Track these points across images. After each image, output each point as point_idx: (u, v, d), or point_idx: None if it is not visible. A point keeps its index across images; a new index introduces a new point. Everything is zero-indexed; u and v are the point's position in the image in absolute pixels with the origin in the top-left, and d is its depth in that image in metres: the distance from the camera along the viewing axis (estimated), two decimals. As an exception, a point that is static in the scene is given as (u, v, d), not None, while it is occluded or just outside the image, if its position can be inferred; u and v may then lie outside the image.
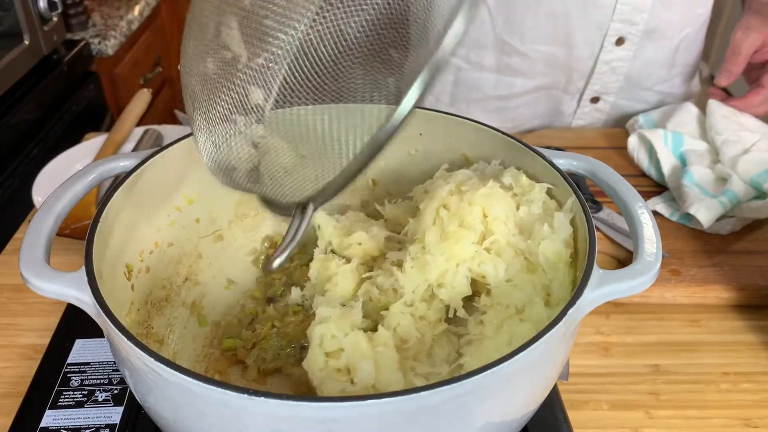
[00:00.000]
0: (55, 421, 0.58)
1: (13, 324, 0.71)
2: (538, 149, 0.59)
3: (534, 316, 0.53)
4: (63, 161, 0.93)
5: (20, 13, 1.30)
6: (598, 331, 0.71)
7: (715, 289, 0.72)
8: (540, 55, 1.00)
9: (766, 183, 0.81)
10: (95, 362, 0.64)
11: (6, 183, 1.24)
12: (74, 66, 1.50)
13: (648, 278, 0.47)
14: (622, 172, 0.59)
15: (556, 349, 0.46)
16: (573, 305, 0.44)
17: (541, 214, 0.57)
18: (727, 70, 0.95)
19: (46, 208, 0.51)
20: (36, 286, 0.46)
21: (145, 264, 0.59)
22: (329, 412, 0.38)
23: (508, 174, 0.60)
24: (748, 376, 0.66)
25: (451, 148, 0.66)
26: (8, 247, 0.82)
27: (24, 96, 1.32)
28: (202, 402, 0.40)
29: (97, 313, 0.44)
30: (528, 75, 1.02)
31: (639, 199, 0.54)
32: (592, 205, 0.82)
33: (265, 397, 0.37)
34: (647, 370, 0.67)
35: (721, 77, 0.95)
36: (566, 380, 0.65)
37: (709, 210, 0.78)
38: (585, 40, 0.98)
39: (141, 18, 1.74)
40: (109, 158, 0.58)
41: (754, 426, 0.61)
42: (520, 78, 1.03)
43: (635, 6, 0.94)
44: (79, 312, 0.46)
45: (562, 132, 1.05)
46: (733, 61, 0.95)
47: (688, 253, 0.77)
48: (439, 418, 0.40)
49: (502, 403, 0.45)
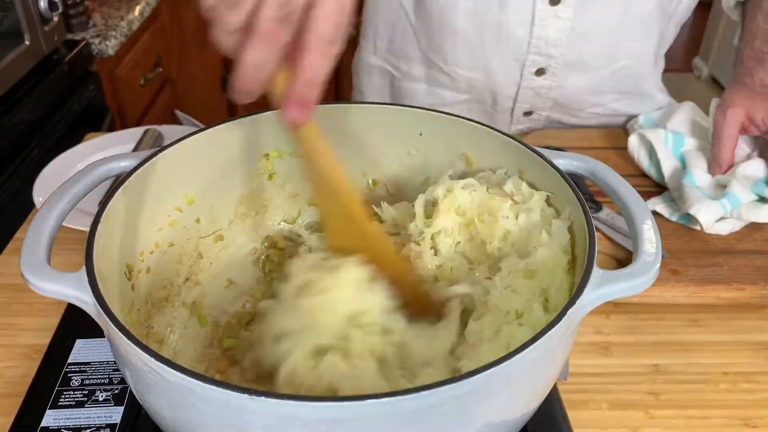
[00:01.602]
0: (55, 421, 0.58)
1: (14, 324, 0.71)
2: (538, 149, 0.59)
3: (533, 321, 0.53)
4: (63, 161, 0.93)
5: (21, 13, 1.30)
6: (597, 331, 0.71)
7: (715, 289, 0.72)
8: (463, 78, 0.99)
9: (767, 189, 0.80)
10: (95, 362, 0.64)
11: (6, 183, 1.24)
12: (75, 66, 1.50)
13: (648, 278, 0.47)
14: (622, 172, 0.59)
15: (556, 349, 0.46)
16: (573, 305, 0.44)
17: (539, 221, 0.58)
18: (715, 159, 0.85)
19: (46, 208, 0.51)
20: (37, 286, 0.46)
21: (146, 264, 0.59)
22: (329, 412, 0.38)
23: (510, 182, 0.61)
24: (748, 376, 0.66)
25: (451, 148, 0.66)
26: (9, 247, 0.82)
27: (24, 96, 1.32)
28: (202, 402, 0.40)
29: (98, 313, 0.44)
30: (455, 90, 1.03)
31: (639, 200, 0.54)
32: (592, 205, 0.82)
33: (265, 397, 0.38)
34: (647, 370, 0.67)
35: (713, 169, 0.86)
36: (566, 380, 0.65)
37: (710, 211, 0.78)
38: (503, 69, 0.96)
39: (141, 18, 1.74)
40: (109, 158, 0.58)
41: (753, 426, 0.61)
42: (449, 91, 1.03)
43: (549, 41, 0.92)
44: (80, 312, 0.46)
45: (562, 132, 1.05)
46: (717, 147, 0.85)
47: (687, 253, 0.77)
48: (439, 418, 0.41)
49: (501, 403, 0.45)
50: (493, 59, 0.95)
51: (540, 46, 0.93)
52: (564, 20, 0.90)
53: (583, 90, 1.01)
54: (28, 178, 0.89)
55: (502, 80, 0.98)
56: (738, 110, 0.85)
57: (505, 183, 0.61)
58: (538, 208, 0.58)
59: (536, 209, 0.58)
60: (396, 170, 0.70)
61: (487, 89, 1.00)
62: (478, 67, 0.97)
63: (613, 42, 0.95)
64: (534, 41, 0.92)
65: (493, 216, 0.60)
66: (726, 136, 0.85)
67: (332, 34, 0.44)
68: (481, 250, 0.61)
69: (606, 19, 0.92)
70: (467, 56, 0.96)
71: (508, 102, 1.02)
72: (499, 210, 0.60)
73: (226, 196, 0.67)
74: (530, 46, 0.93)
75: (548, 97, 1.00)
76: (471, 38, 0.94)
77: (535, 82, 0.98)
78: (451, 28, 0.94)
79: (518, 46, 0.93)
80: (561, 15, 0.90)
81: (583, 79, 0.98)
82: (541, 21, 0.90)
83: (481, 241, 0.61)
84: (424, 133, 0.66)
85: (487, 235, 0.60)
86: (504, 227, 0.59)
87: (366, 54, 1.08)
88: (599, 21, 0.92)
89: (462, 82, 1.00)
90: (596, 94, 1.02)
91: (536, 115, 1.04)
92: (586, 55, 0.95)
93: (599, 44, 0.94)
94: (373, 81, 1.10)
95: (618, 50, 0.96)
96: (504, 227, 0.59)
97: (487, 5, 0.90)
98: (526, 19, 0.90)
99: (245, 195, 0.68)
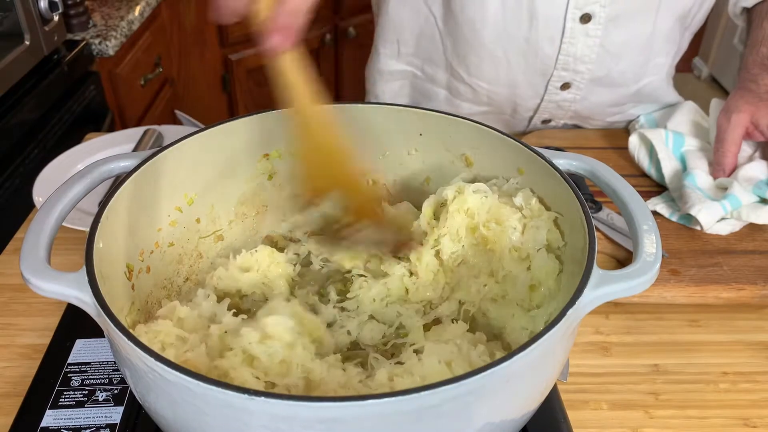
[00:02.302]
0: (55, 421, 0.58)
1: (14, 324, 0.71)
2: (538, 149, 0.59)
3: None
4: (64, 161, 0.93)
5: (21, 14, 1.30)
6: (597, 331, 0.71)
7: (715, 289, 0.72)
8: (483, 91, 0.99)
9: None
10: (95, 362, 0.64)
11: (6, 183, 1.24)
12: (75, 66, 1.50)
13: (647, 278, 0.47)
14: (622, 172, 0.59)
15: (556, 349, 0.46)
16: (572, 305, 0.44)
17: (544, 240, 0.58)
18: (718, 164, 0.85)
19: (46, 208, 0.51)
20: (36, 286, 0.46)
21: (146, 264, 0.59)
22: (329, 412, 0.38)
23: (520, 195, 0.60)
24: (748, 376, 0.66)
25: (451, 148, 0.66)
26: (9, 247, 0.82)
27: (25, 96, 1.32)
28: (202, 402, 0.40)
29: (98, 313, 0.44)
30: (474, 102, 1.02)
31: (639, 200, 0.54)
32: (592, 205, 0.82)
33: (265, 397, 0.38)
34: (647, 370, 0.67)
35: (715, 173, 0.86)
36: (566, 380, 0.65)
37: (711, 212, 0.78)
38: (528, 84, 0.96)
39: (141, 18, 1.74)
40: (109, 158, 0.58)
41: (753, 426, 0.61)
42: (467, 103, 1.03)
43: (578, 57, 0.92)
44: (80, 312, 0.46)
45: (562, 132, 1.05)
46: (720, 152, 0.85)
47: (687, 253, 0.77)
48: (439, 418, 0.41)
49: (501, 403, 0.45)
50: (519, 74, 0.95)
51: (568, 63, 0.92)
52: (594, 38, 0.90)
53: (607, 103, 1.01)
54: (28, 178, 0.89)
55: (525, 93, 0.98)
56: (742, 116, 0.85)
57: (515, 194, 0.61)
58: (545, 228, 0.58)
59: (543, 228, 0.58)
60: (396, 170, 0.70)
61: (508, 101, 1.00)
62: (501, 81, 0.97)
63: (641, 59, 0.95)
64: (562, 58, 0.92)
65: (500, 225, 0.60)
66: (730, 142, 0.85)
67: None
68: (484, 256, 0.61)
69: (635, 37, 0.92)
70: (492, 70, 0.96)
71: (528, 113, 1.02)
72: (508, 220, 0.59)
73: (226, 196, 0.67)
74: (558, 62, 0.92)
75: (570, 109, 1.01)
76: (497, 53, 0.93)
77: (559, 95, 0.98)
78: (479, 41, 0.93)
79: (546, 62, 0.93)
80: (591, 33, 0.89)
81: (607, 93, 0.98)
82: (571, 38, 0.90)
83: (485, 247, 0.61)
84: (424, 133, 0.66)
85: (492, 243, 0.60)
86: (510, 238, 0.59)
87: (385, 60, 1.07)
88: (629, 39, 0.92)
89: (483, 95, 1.00)
90: (617, 105, 1.02)
91: (554, 122, 1.05)
92: (615, 73, 0.95)
93: (628, 61, 0.94)
94: (392, 86, 1.09)
95: (645, 67, 0.97)
96: (510, 238, 0.59)
97: (517, 21, 0.90)
98: (556, 36, 0.90)
99: (245, 195, 0.68)
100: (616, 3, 0.87)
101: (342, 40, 2.37)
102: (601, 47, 0.91)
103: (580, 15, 0.88)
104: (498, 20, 0.90)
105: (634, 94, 1.00)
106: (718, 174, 0.85)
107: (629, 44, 0.92)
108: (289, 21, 0.45)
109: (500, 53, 0.93)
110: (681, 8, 0.92)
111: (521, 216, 0.59)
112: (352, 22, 2.36)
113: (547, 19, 0.89)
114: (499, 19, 0.90)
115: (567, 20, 0.88)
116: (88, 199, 0.60)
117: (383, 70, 1.08)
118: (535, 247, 0.58)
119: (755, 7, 0.89)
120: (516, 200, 0.60)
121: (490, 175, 0.64)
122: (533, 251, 0.58)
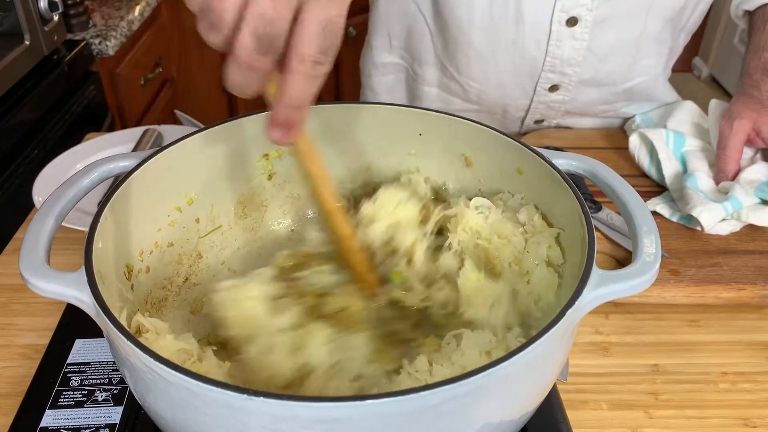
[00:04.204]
0: (55, 421, 0.58)
1: (13, 324, 0.71)
2: (538, 149, 0.59)
3: None
4: (63, 161, 0.93)
5: (21, 14, 1.30)
6: (597, 331, 0.71)
7: (715, 289, 0.72)
8: (474, 90, 0.99)
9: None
10: (95, 362, 0.64)
11: (6, 183, 1.24)
12: (75, 66, 1.50)
13: (647, 278, 0.47)
14: (622, 172, 0.59)
15: (555, 349, 0.46)
16: (572, 305, 0.44)
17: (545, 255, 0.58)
18: (720, 170, 0.85)
19: (46, 208, 0.51)
20: (36, 286, 0.46)
21: (145, 264, 0.59)
22: (329, 412, 0.38)
23: (524, 211, 0.60)
24: (747, 376, 0.66)
25: (451, 148, 0.66)
26: (8, 247, 0.82)
27: (24, 96, 1.32)
28: (201, 402, 0.40)
29: (97, 313, 0.44)
30: (466, 100, 1.02)
31: (639, 200, 0.54)
32: (591, 205, 0.82)
33: (265, 397, 0.38)
34: (646, 370, 0.67)
35: (717, 178, 0.85)
36: (565, 380, 0.65)
37: (712, 213, 0.77)
38: (516, 85, 0.96)
39: (142, 18, 1.74)
40: (109, 158, 0.58)
41: (753, 426, 0.61)
42: (458, 99, 1.03)
43: (565, 60, 0.92)
44: (79, 312, 0.46)
45: (562, 132, 1.05)
46: (722, 158, 0.84)
47: (687, 253, 0.77)
48: (439, 418, 0.41)
49: (501, 403, 0.45)
50: (507, 75, 0.95)
51: (555, 65, 0.92)
52: (580, 41, 0.90)
53: (597, 101, 1.01)
54: (28, 178, 0.89)
55: (514, 94, 0.98)
56: (744, 122, 0.84)
57: (519, 210, 0.61)
58: (546, 244, 0.58)
59: (543, 244, 0.58)
60: (396, 170, 0.70)
61: (498, 102, 1.00)
62: (490, 81, 0.97)
63: (628, 61, 0.95)
64: (549, 60, 0.92)
65: (503, 239, 0.60)
66: (732, 148, 0.84)
67: (316, 55, 0.41)
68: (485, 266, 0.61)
69: (622, 40, 0.92)
70: (480, 70, 0.96)
71: (519, 113, 1.02)
72: (512, 234, 0.60)
73: (226, 196, 0.67)
74: (545, 64, 0.92)
75: (561, 110, 1.01)
76: (485, 53, 0.93)
77: (548, 97, 0.98)
78: (466, 41, 0.93)
79: (533, 64, 0.93)
80: (577, 36, 0.89)
81: (596, 92, 0.99)
82: (557, 41, 0.90)
83: (485, 258, 0.61)
84: (424, 133, 0.66)
85: (494, 256, 0.61)
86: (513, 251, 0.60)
87: (378, 52, 1.07)
88: (615, 42, 0.92)
89: (473, 94, 1.00)
90: (608, 104, 1.02)
91: (547, 122, 1.05)
92: (602, 74, 0.95)
93: (614, 63, 0.94)
94: (387, 79, 1.09)
95: (632, 69, 0.96)
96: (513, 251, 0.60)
97: (503, 23, 0.90)
98: (542, 39, 0.90)
99: (245, 195, 0.68)
100: (604, 6, 0.87)
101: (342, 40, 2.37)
102: (588, 50, 0.91)
103: (566, 18, 0.88)
104: (485, 22, 0.90)
105: (624, 92, 1.00)
106: (720, 180, 0.85)
107: (615, 46, 0.92)
108: (288, 116, 0.43)
109: (488, 54, 0.93)
110: (671, 11, 0.91)
111: (523, 231, 0.60)
112: (352, 21, 2.36)
113: (534, 22, 0.89)
114: (487, 20, 0.90)
115: (553, 23, 0.88)
116: (87, 199, 0.60)
117: (377, 63, 1.08)
118: (534, 262, 0.58)
119: (757, 10, 0.89)
120: (520, 216, 0.60)
121: (490, 174, 0.64)
122: (533, 266, 0.58)
